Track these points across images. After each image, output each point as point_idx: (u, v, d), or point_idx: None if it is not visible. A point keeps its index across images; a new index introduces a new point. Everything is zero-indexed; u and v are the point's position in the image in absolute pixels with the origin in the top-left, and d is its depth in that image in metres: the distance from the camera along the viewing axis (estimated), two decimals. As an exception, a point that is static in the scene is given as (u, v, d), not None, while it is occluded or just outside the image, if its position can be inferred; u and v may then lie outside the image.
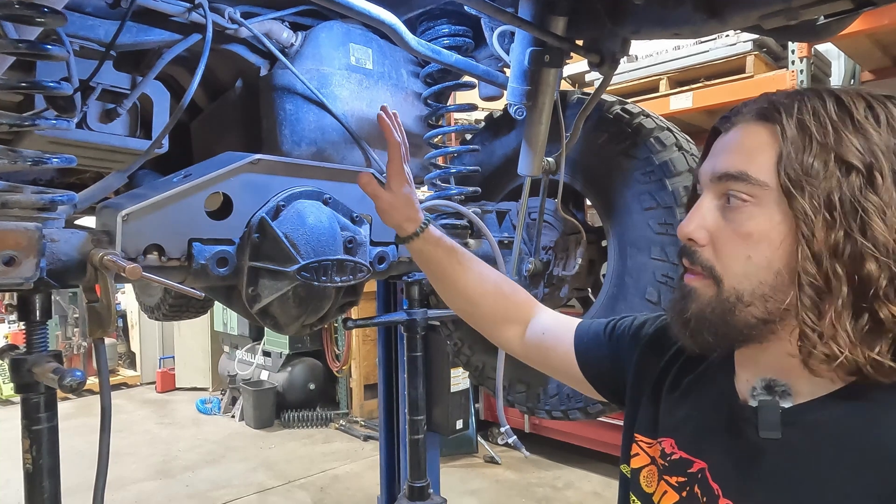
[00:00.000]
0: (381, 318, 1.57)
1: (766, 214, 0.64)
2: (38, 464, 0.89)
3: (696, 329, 0.69)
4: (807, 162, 0.61)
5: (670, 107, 3.33)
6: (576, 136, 1.50)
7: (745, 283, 0.65)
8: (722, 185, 0.67)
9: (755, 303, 0.65)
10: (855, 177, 0.60)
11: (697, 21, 1.14)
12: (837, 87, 0.67)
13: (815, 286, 0.61)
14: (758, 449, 0.67)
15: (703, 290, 0.69)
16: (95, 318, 0.88)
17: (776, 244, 0.64)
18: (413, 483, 1.50)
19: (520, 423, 4.32)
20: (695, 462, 0.73)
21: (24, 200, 0.87)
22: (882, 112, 0.63)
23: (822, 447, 0.62)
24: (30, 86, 1.02)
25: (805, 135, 0.62)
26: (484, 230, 1.45)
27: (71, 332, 6.37)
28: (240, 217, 1.07)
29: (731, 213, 0.67)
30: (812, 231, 0.61)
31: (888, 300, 0.59)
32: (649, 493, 0.78)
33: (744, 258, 0.65)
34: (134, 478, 4.18)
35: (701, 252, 0.69)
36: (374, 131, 1.57)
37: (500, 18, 1.23)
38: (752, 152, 0.66)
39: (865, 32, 2.84)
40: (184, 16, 1.25)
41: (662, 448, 0.77)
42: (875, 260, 0.59)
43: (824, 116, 0.63)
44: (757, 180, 0.64)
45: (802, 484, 0.63)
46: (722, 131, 0.72)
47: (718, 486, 0.69)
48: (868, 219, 0.59)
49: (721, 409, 0.73)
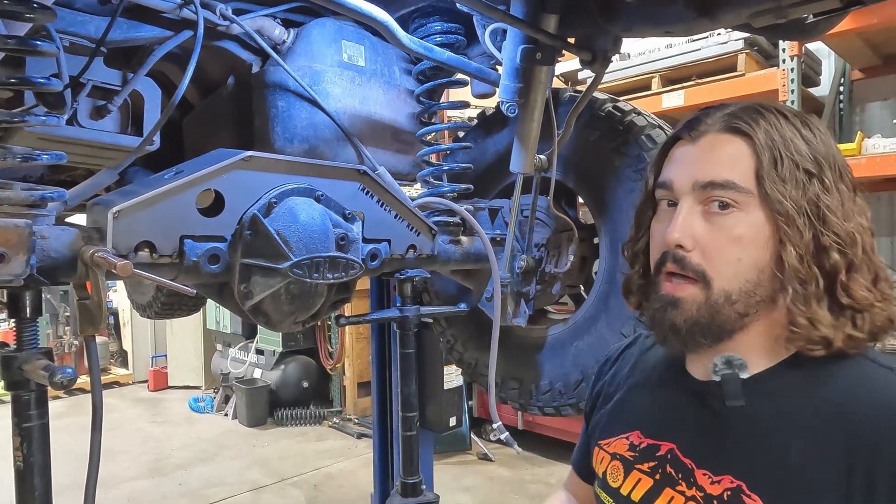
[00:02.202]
0: (374, 315, 1.57)
1: (752, 219, 0.71)
2: (28, 461, 0.88)
3: (689, 335, 0.74)
4: (781, 172, 0.70)
5: (662, 105, 3.35)
6: (567, 133, 1.51)
7: (734, 283, 0.71)
8: (705, 193, 0.73)
9: (740, 300, 0.72)
10: (814, 182, 0.70)
11: (688, 19, 1.14)
12: (770, 103, 0.76)
13: (801, 280, 0.69)
14: (724, 419, 0.74)
15: (690, 299, 0.73)
16: (86, 316, 0.88)
17: (762, 245, 0.71)
18: (406, 479, 1.50)
19: (513, 420, 4.33)
20: (662, 445, 0.79)
21: (13, 197, 0.87)
22: (810, 125, 0.73)
23: (783, 409, 0.70)
24: (19, 82, 1.01)
25: (774, 147, 0.71)
26: (476, 227, 1.46)
27: (62, 330, 6.33)
28: (232, 214, 1.07)
29: (717, 219, 0.72)
30: (792, 233, 0.69)
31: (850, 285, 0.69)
32: (616, 488, 0.83)
33: (735, 260, 0.71)
34: (127, 476, 4.16)
35: (689, 257, 0.73)
36: (367, 128, 1.57)
37: (492, 16, 1.23)
38: (733, 162, 0.72)
39: (856, 31, 2.86)
40: (175, 12, 1.24)
41: (630, 441, 0.84)
42: (838, 251, 0.69)
43: (782, 130, 0.72)
44: (742, 188, 0.71)
45: (773, 443, 0.69)
46: (685, 141, 0.77)
47: (690, 460, 0.75)
48: (828, 216, 0.69)
49: (680, 392, 0.81)
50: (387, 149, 1.63)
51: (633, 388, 0.90)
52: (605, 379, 0.97)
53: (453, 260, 1.52)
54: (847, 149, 2.82)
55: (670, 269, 0.75)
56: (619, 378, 0.94)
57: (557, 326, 1.70)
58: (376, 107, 1.58)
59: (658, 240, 0.78)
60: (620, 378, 0.94)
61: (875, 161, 2.74)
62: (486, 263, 1.55)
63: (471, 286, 1.72)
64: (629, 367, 0.94)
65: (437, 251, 1.42)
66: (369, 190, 1.26)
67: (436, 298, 1.99)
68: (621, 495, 0.82)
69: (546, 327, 1.72)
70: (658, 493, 0.77)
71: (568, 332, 1.66)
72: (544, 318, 1.86)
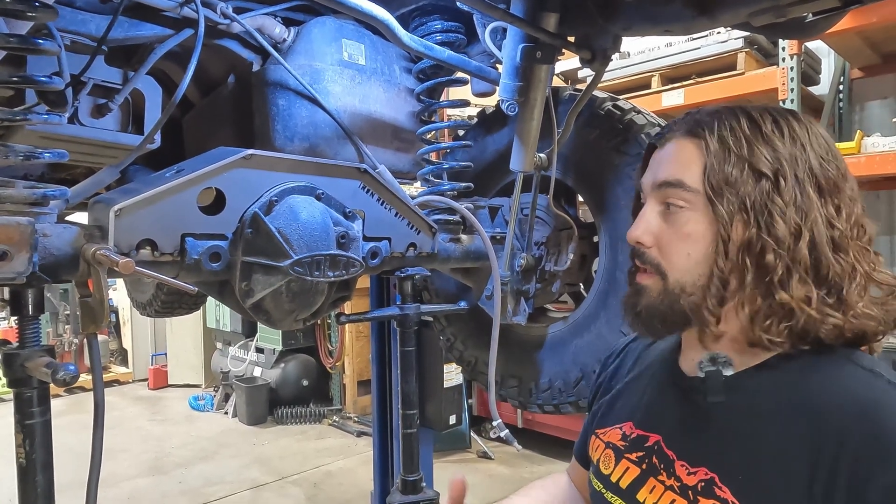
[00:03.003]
0: (374, 313, 1.57)
1: (699, 217, 0.75)
2: (31, 458, 0.88)
3: (646, 318, 0.80)
4: (726, 171, 0.73)
5: (662, 104, 3.35)
6: (567, 132, 1.51)
7: (686, 276, 0.76)
8: (662, 193, 0.78)
9: (696, 293, 0.76)
10: (765, 182, 0.72)
11: (688, 18, 1.14)
12: (750, 105, 0.78)
13: (721, 278, 0.74)
14: (705, 413, 0.77)
15: (652, 286, 0.79)
16: (88, 313, 0.88)
17: (709, 242, 0.75)
18: (406, 477, 1.50)
19: (513, 418, 4.34)
20: (650, 436, 0.84)
21: (15, 195, 0.87)
22: (785, 126, 0.75)
23: (761, 405, 0.73)
24: (20, 80, 1.01)
25: (725, 148, 0.74)
26: (476, 226, 1.46)
27: (62, 328, 6.33)
28: (233, 212, 1.07)
29: (671, 218, 0.78)
30: (728, 232, 0.73)
31: (782, 287, 0.71)
32: (607, 475, 0.87)
33: (685, 255, 0.76)
34: (127, 474, 4.17)
35: (648, 252, 0.80)
36: (367, 127, 1.57)
37: (492, 14, 1.23)
38: (686, 163, 0.77)
39: (855, 30, 2.86)
40: (176, 11, 1.24)
41: (623, 431, 0.88)
42: (773, 252, 0.71)
43: (739, 131, 0.75)
44: (691, 188, 0.76)
45: (746, 438, 0.72)
46: (657, 146, 0.82)
47: (673, 451, 0.79)
48: (772, 218, 0.71)
49: (670, 386, 0.85)
50: (387, 147, 1.63)
51: (631, 381, 0.94)
52: (608, 371, 1.02)
53: (453, 258, 1.52)
54: (846, 147, 2.82)
55: (636, 265, 0.82)
56: (621, 371, 0.99)
57: (557, 325, 1.71)
58: (376, 105, 1.59)
59: None
60: (622, 371, 0.99)
61: (874, 160, 2.74)
62: (486, 261, 1.56)
63: (471, 284, 1.72)
64: (631, 360, 0.98)
65: (438, 249, 1.43)
66: (370, 188, 1.26)
67: (436, 296, 2.00)
68: (611, 482, 0.86)
69: (546, 325, 1.73)
70: (643, 482, 0.81)
71: (568, 330, 1.67)
72: (544, 316, 1.86)
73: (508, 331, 1.72)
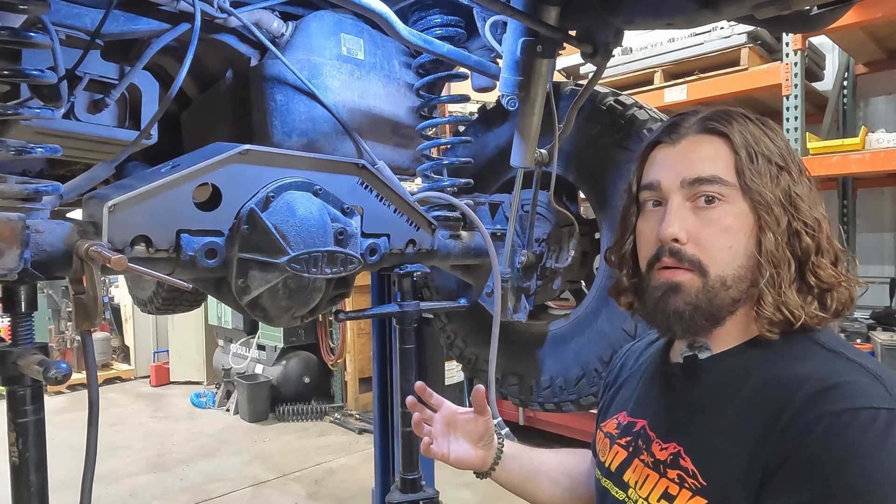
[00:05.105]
0: (372, 311, 1.56)
1: (737, 209, 0.78)
2: (24, 457, 0.88)
3: (691, 318, 0.79)
4: (757, 166, 0.78)
5: (665, 99, 3.33)
6: (569, 127, 1.50)
7: (727, 269, 0.78)
8: (693, 189, 0.79)
9: (734, 285, 0.78)
10: (784, 174, 0.78)
11: (691, 11, 1.12)
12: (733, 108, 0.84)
13: (776, 264, 0.76)
14: (681, 395, 0.83)
15: (690, 283, 0.79)
16: (82, 310, 0.87)
17: (748, 233, 0.78)
18: (405, 475, 1.49)
19: (514, 416, 4.33)
20: (637, 422, 0.89)
21: (7, 190, 0.86)
22: (771, 127, 0.82)
23: (730, 385, 0.77)
24: (13, 74, 1.00)
25: (748, 145, 0.78)
26: (476, 222, 1.45)
27: (64, 325, 6.34)
28: (229, 208, 1.06)
29: (706, 212, 0.78)
30: (771, 220, 0.76)
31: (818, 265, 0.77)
32: (603, 462, 0.93)
33: (727, 248, 0.78)
34: (128, 471, 4.17)
35: (685, 249, 0.79)
36: (366, 122, 1.56)
37: (492, 8, 1.22)
38: (715, 160, 0.79)
39: (860, 25, 2.84)
40: (172, 5, 1.23)
41: (618, 421, 0.94)
42: (808, 235, 0.77)
43: (751, 129, 0.80)
44: (727, 182, 0.78)
45: (712, 415, 0.77)
46: (665, 144, 0.84)
47: (654, 433, 0.84)
48: (799, 205, 0.77)
49: (659, 375, 0.90)
50: (386, 143, 1.62)
51: (630, 377, 1.00)
52: (614, 370, 1.07)
53: (453, 255, 1.51)
54: (851, 143, 2.80)
55: (666, 264, 0.80)
56: (625, 369, 1.03)
57: (558, 322, 1.69)
58: (375, 100, 1.57)
59: (650, 237, 0.83)
60: (624, 370, 1.03)
61: (879, 156, 2.71)
62: (486, 258, 1.54)
63: (471, 281, 1.71)
64: (633, 359, 1.03)
65: (437, 246, 1.41)
66: (368, 184, 1.25)
67: (436, 294, 1.98)
68: (605, 467, 0.91)
69: (547, 323, 1.72)
70: (629, 463, 0.86)
71: (569, 327, 1.65)
72: (545, 313, 1.85)
73: (509, 328, 1.70)
